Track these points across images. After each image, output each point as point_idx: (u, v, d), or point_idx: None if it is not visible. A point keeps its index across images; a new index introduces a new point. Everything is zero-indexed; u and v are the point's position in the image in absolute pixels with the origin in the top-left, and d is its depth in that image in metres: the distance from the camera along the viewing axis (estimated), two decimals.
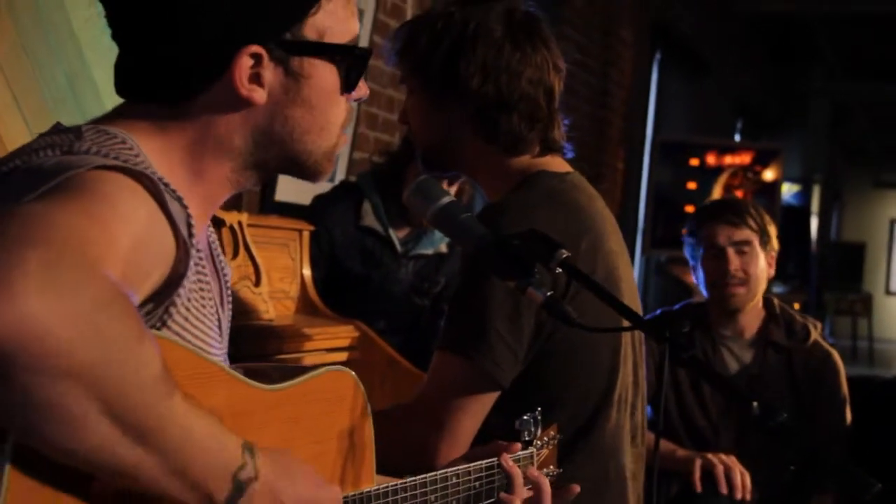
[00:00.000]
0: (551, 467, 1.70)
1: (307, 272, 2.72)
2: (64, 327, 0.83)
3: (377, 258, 3.42)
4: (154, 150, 1.19)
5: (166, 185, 1.10)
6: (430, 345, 3.40)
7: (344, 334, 2.63)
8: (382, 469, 1.36)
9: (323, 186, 3.69)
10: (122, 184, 1.04)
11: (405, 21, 2.07)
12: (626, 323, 1.41)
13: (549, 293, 1.40)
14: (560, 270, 1.43)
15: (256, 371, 1.19)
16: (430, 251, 3.49)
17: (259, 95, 1.21)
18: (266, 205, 3.71)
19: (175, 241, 1.07)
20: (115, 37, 1.24)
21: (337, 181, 3.92)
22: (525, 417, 1.60)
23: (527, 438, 1.60)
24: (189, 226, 1.12)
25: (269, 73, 1.22)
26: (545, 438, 1.66)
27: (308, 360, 2.46)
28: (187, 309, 1.13)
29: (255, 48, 1.20)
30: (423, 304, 3.51)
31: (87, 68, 2.69)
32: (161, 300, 1.09)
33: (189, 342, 1.13)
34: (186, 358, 1.03)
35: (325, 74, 1.25)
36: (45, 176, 1.02)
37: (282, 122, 1.24)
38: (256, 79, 1.21)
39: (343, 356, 2.61)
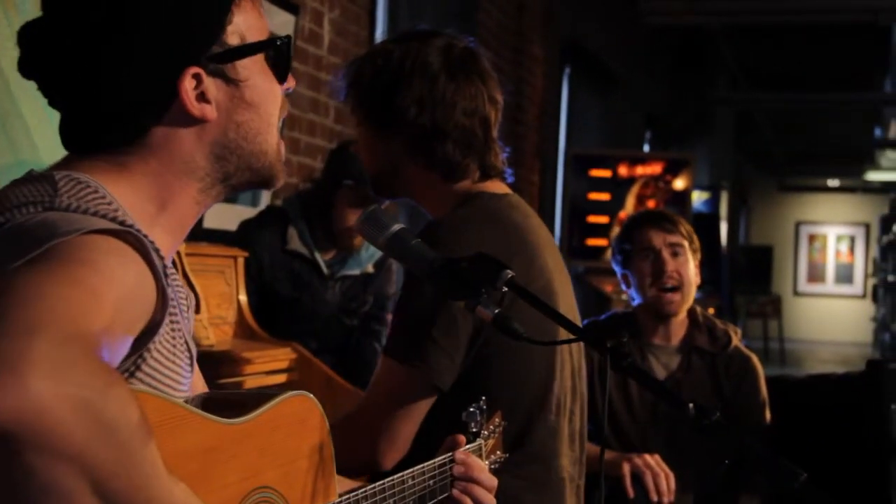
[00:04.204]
0: (498, 453, 1.79)
1: (243, 298, 2.78)
2: (64, 410, 0.89)
3: (305, 280, 3.48)
4: (121, 191, 1.24)
5: (145, 235, 1.15)
6: (361, 362, 3.49)
7: (282, 356, 2.69)
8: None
9: (249, 212, 3.75)
10: (108, 247, 1.09)
11: (353, 58, 2.18)
12: (567, 335, 1.51)
13: (497, 311, 1.50)
14: (506, 289, 1.52)
15: (219, 401, 1.24)
16: (356, 272, 3.56)
17: (210, 111, 1.28)
18: (195, 232, 3.74)
19: (156, 291, 1.13)
20: (52, 104, 1.29)
21: (262, 205, 3.98)
22: (471, 409, 1.68)
23: (474, 430, 1.69)
24: (165, 275, 1.17)
25: (212, 87, 1.28)
26: (491, 427, 1.76)
27: (249, 383, 2.52)
28: (158, 352, 1.18)
29: (193, 69, 1.26)
30: (353, 324, 3.58)
31: (16, 105, 2.71)
32: (138, 347, 1.14)
33: (160, 383, 1.18)
34: (157, 405, 1.08)
35: (259, 72, 1.33)
36: (32, 240, 1.06)
37: (234, 129, 1.31)
38: (203, 97, 1.27)
39: (282, 378, 2.67)
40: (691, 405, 1.29)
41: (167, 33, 1.24)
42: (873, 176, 18.33)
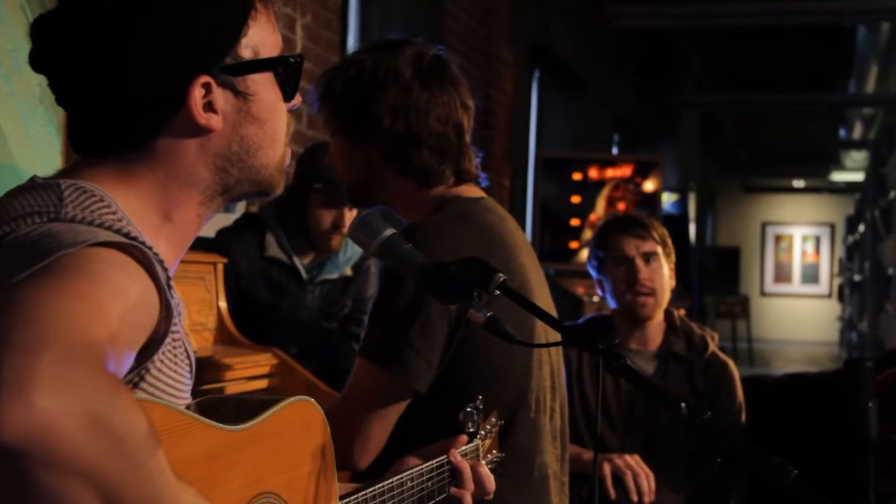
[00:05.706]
0: (494, 452, 1.81)
1: (223, 304, 2.78)
2: (73, 427, 0.89)
3: (284, 286, 3.48)
4: (126, 199, 1.24)
5: (150, 247, 1.14)
6: (341, 366, 3.49)
7: (263, 362, 2.69)
8: None
9: (226, 219, 3.74)
10: (113, 260, 1.08)
11: (325, 70, 2.19)
12: (550, 333, 1.52)
13: (489, 314, 1.51)
14: (498, 293, 1.53)
15: (220, 407, 1.25)
16: (335, 275, 3.56)
17: (216, 121, 1.28)
18: None
19: (160, 303, 1.13)
20: (60, 102, 1.29)
21: (237, 212, 3.97)
22: (468, 409, 1.70)
23: (471, 430, 1.70)
24: (169, 287, 1.17)
25: (220, 98, 1.28)
26: (487, 427, 1.77)
27: (230, 388, 2.52)
28: (162, 363, 1.18)
29: (204, 78, 1.26)
30: (332, 328, 3.59)
31: None
32: (142, 360, 1.14)
33: (163, 392, 1.18)
34: (161, 414, 1.08)
35: (267, 88, 1.33)
36: (37, 252, 1.05)
37: (238, 142, 1.31)
38: (210, 107, 1.27)
39: (263, 383, 2.67)
40: (683, 405, 1.30)
41: (181, 40, 1.25)
42: (838, 176, 18.54)
